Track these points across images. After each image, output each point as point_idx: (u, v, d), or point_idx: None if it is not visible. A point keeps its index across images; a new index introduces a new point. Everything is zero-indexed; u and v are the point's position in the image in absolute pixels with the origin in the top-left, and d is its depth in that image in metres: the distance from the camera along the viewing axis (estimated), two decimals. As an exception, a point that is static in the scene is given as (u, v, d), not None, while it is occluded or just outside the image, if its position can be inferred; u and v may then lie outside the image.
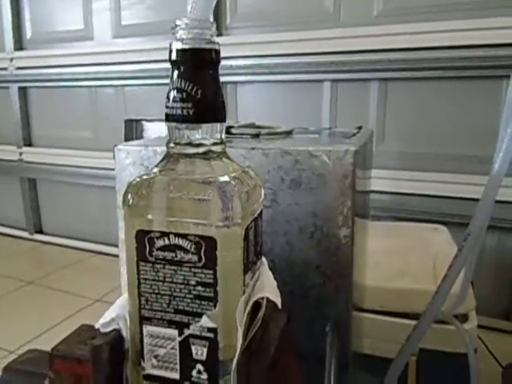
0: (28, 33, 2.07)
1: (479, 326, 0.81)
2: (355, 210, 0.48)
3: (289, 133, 0.67)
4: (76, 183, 2.03)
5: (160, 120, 1.01)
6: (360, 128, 0.74)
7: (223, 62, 0.32)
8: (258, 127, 0.68)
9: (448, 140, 1.34)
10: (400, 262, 0.94)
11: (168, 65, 0.32)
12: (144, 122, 1.07)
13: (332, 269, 0.48)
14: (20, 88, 2.11)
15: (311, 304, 0.50)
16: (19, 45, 2.08)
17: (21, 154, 2.14)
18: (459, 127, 1.32)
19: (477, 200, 1.24)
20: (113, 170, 0.57)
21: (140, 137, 1.05)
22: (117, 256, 0.57)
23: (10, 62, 2.07)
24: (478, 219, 0.53)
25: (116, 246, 0.56)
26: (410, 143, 1.39)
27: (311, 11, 1.47)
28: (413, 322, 0.80)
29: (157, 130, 1.05)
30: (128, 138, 1.06)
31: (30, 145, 2.16)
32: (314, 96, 1.51)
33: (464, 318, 0.80)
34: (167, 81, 0.32)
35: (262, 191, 0.36)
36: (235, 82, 1.62)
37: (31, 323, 1.39)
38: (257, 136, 0.61)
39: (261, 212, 0.36)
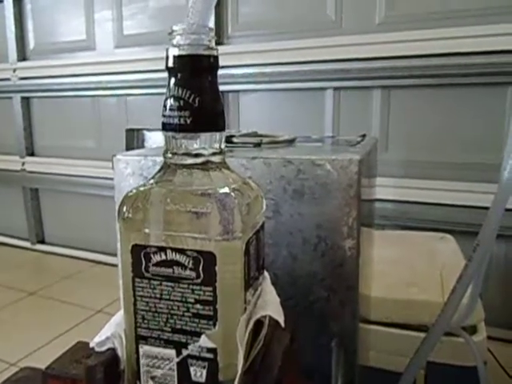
0: (31, 43, 2.08)
1: (487, 337, 0.79)
2: (361, 221, 0.47)
3: (291, 141, 0.65)
4: (78, 193, 2.02)
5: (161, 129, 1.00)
6: (364, 136, 0.73)
7: (225, 71, 0.31)
8: (260, 136, 0.67)
9: (452, 148, 1.33)
10: (406, 272, 0.92)
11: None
12: (145, 132, 1.06)
13: (337, 282, 0.47)
14: (23, 98, 2.12)
15: (315, 318, 0.48)
16: (22, 55, 2.09)
17: (23, 163, 2.14)
18: (463, 134, 1.31)
19: (482, 208, 1.22)
20: (115, 179, 0.56)
21: (141, 146, 1.04)
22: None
23: (13, 72, 2.08)
24: (488, 228, 0.51)
25: (118, 256, 0.55)
26: (414, 151, 1.38)
27: (313, 19, 1.47)
28: (420, 334, 0.78)
29: (158, 139, 1.03)
30: (129, 148, 1.05)
31: (32, 154, 2.16)
32: (316, 104, 1.50)
33: (473, 329, 0.78)
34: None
35: (264, 202, 0.34)
36: (237, 91, 1.62)
37: (32, 335, 1.37)
38: (258, 145, 0.60)
39: (263, 224, 0.34)
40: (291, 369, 0.33)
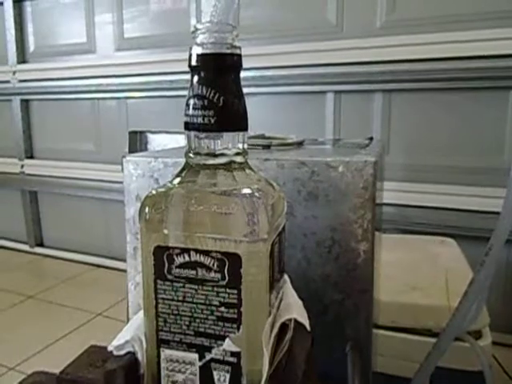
0: (31, 46, 2.07)
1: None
2: (375, 224, 0.46)
3: (300, 143, 0.65)
4: (77, 196, 2.01)
5: (165, 132, 1.00)
6: (371, 139, 0.73)
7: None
8: (269, 138, 0.66)
9: (453, 151, 1.33)
10: (409, 276, 0.92)
11: (171, 77, 0.30)
12: (148, 134, 1.05)
13: (351, 285, 0.46)
14: (22, 100, 2.11)
15: (329, 322, 0.47)
16: (22, 58, 2.09)
17: (22, 166, 2.13)
18: (464, 138, 1.31)
19: (483, 212, 1.21)
20: (115, 182, 0.55)
21: (144, 149, 1.04)
22: (118, 270, 0.55)
23: (12, 74, 2.07)
24: (501, 231, 0.51)
25: (118, 259, 0.54)
26: (415, 155, 1.38)
27: (314, 23, 1.47)
28: (425, 339, 0.78)
29: (161, 142, 1.03)
30: (132, 150, 1.05)
31: (31, 157, 2.15)
32: (317, 108, 1.50)
33: (478, 334, 0.78)
34: (170, 93, 0.30)
35: (285, 204, 0.34)
36: (239, 94, 1.61)
37: (31, 338, 1.36)
38: (268, 147, 0.60)
39: (284, 226, 0.34)
40: (312, 374, 0.32)
